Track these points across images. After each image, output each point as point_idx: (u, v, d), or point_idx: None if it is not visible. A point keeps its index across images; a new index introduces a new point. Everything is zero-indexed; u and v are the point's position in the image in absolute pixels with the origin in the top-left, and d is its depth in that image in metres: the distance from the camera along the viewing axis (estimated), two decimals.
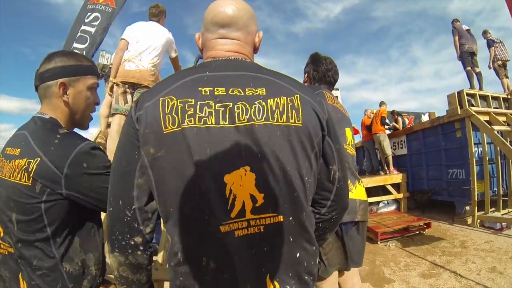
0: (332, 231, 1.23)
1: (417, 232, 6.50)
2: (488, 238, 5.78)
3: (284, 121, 0.90)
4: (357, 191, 1.99)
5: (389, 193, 8.57)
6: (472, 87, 8.27)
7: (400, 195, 8.56)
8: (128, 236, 0.91)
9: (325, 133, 1.00)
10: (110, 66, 4.88)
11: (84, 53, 4.87)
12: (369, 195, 8.06)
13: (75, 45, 5.07)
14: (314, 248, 0.99)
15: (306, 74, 2.34)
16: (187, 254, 0.87)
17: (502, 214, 6.80)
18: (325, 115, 1.01)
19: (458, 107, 7.29)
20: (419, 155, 9.04)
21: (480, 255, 5.00)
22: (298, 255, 0.93)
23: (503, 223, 6.26)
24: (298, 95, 0.95)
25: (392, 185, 8.66)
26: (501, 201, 7.12)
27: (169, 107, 0.86)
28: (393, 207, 8.49)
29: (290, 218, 0.90)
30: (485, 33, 8.84)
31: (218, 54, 1.04)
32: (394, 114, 10.91)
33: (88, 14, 5.19)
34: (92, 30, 5.17)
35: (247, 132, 0.86)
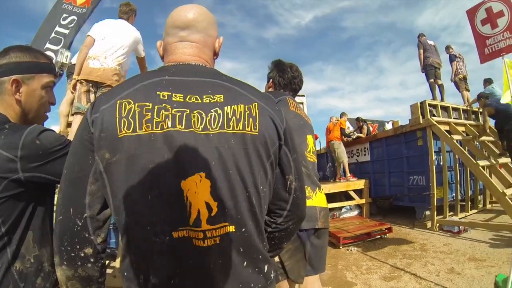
0: (289, 240, 1.21)
1: (379, 236, 6.57)
2: (446, 241, 5.95)
3: (240, 129, 0.89)
4: (317, 198, 1.97)
5: (351, 198, 8.68)
6: (434, 98, 8.59)
7: (363, 201, 8.69)
8: (78, 247, 0.87)
9: (282, 142, 0.99)
10: (69, 64, 4.80)
11: (61, 51, 4.76)
12: (332, 201, 8.25)
13: (48, 45, 4.86)
14: (266, 259, 0.96)
15: (271, 80, 2.30)
16: (134, 263, 0.85)
17: (459, 218, 7.14)
18: (283, 124, 1.00)
19: (420, 116, 7.53)
20: (381, 162, 9.26)
21: (439, 257, 5.12)
22: (250, 269, 0.91)
23: (460, 227, 6.50)
24: (256, 103, 0.94)
25: (354, 191, 8.79)
26: (459, 205, 7.48)
27: (126, 111, 0.83)
28: (355, 213, 8.59)
29: (243, 229, 0.89)
30: (447, 48, 9.23)
31: (179, 58, 1.03)
32: (358, 121, 11.13)
33: (65, 15, 4.98)
34: (67, 31, 4.98)
35: (202, 139, 0.85)
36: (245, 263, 0.90)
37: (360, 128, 10.89)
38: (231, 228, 0.86)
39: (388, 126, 12.60)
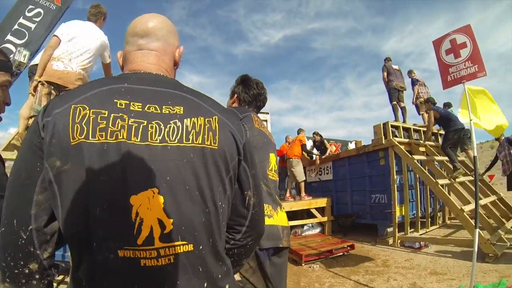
0: (248, 257, 1.17)
1: (341, 253, 6.51)
2: (408, 257, 6.01)
3: (200, 142, 0.87)
4: (279, 217, 1.93)
5: (313, 216, 8.65)
6: (396, 119, 8.89)
7: (325, 219, 8.67)
8: (22, 263, 0.80)
9: (241, 158, 0.98)
10: (30, 64, 4.60)
11: (20, 49, 4.61)
12: (294, 218, 8.13)
13: (9, 37, 4.65)
14: (222, 275, 0.92)
15: (236, 95, 2.26)
16: (81, 280, 0.79)
17: (420, 234, 7.28)
18: (243, 139, 0.99)
19: (383, 137, 7.70)
20: (344, 180, 9.36)
21: (401, 272, 5.13)
22: (205, 284, 0.86)
23: (421, 242, 6.62)
24: (216, 117, 0.93)
25: (316, 209, 8.77)
26: (419, 222, 7.66)
27: (81, 117, 0.79)
28: (317, 230, 8.54)
29: (201, 247, 0.85)
30: (410, 72, 9.66)
31: (138, 66, 1.01)
32: (314, 134, 11.27)
33: (30, 7, 4.78)
34: (33, 26, 4.78)
35: (158, 152, 0.81)
36: (205, 284, 0.86)
37: (320, 143, 10.95)
38: (188, 247, 0.83)
39: (351, 146, 12.83)
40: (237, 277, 1.66)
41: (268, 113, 10.54)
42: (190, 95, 0.95)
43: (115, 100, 0.83)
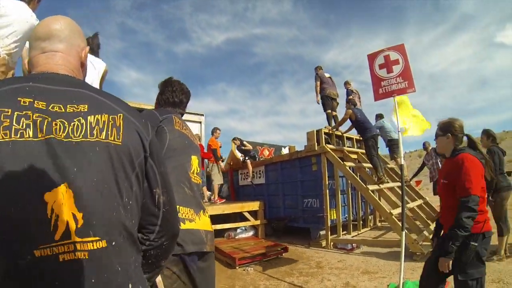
0: (166, 258, 1.18)
1: (275, 256, 6.52)
2: (341, 258, 6.19)
3: (103, 138, 0.88)
4: (201, 222, 1.92)
5: (246, 219, 8.61)
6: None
7: (258, 222, 8.68)
8: None
9: (148, 155, 1.00)
10: None
11: None
12: (226, 221, 7.96)
13: None
14: (135, 277, 0.93)
15: (156, 99, 2.31)
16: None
17: (352, 236, 7.61)
18: (149, 136, 1.02)
19: (316, 143, 7.90)
20: (276, 184, 9.47)
21: (334, 273, 5.25)
22: (130, 285, 0.88)
23: (353, 244, 6.91)
24: (121, 115, 0.95)
25: (249, 212, 8.74)
26: (351, 225, 8.00)
27: None
28: (250, 233, 8.52)
29: (113, 244, 0.86)
30: (346, 83, 10.01)
31: (45, 68, 1.00)
32: (233, 140, 11.00)
33: None
34: None
35: (64, 148, 0.82)
36: (122, 281, 0.87)
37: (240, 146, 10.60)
38: (102, 243, 0.83)
39: (285, 151, 13.00)
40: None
41: (203, 115, 10.36)
42: (95, 94, 0.96)
43: (19, 98, 0.82)
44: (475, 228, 2.33)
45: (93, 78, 3.41)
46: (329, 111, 9.06)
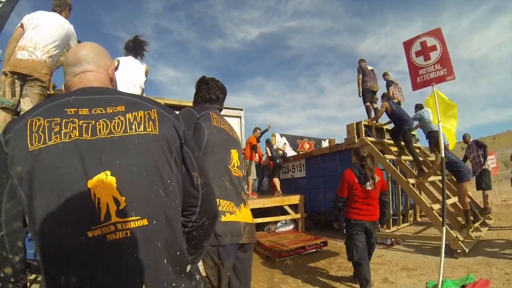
0: (208, 238, 1.26)
1: (315, 250, 6.54)
2: (380, 253, 6.09)
3: (142, 130, 1.00)
4: (241, 214, 1.99)
5: (287, 213, 8.67)
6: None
7: (298, 215, 8.71)
8: None
9: (183, 141, 1.10)
10: None
11: None
12: (267, 215, 8.08)
13: None
14: (186, 259, 1.04)
15: (193, 99, 2.39)
16: (54, 269, 0.87)
17: (392, 231, 7.47)
18: (181, 126, 1.13)
19: (356, 136, 7.81)
20: (317, 178, 9.42)
21: (373, 268, 5.15)
22: (165, 261, 0.95)
23: (393, 239, 6.79)
24: (155, 109, 1.08)
25: (290, 206, 8.78)
26: (391, 220, 7.83)
27: (36, 127, 0.91)
28: (291, 227, 8.57)
29: (154, 222, 0.94)
30: (385, 74, 9.79)
31: (80, 86, 1.13)
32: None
33: None
34: None
35: (108, 142, 0.94)
36: (165, 261, 0.94)
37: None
38: (143, 222, 0.92)
39: (325, 144, 12.93)
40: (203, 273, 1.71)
41: (242, 110, 10.50)
42: (129, 97, 1.11)
43: (65, 109, 0.96)
44: None
45: (134, 79, 3.74)
46: (368, 103, 8.93)
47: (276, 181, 9.88)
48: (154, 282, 0.90)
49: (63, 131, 0.91)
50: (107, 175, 0.90)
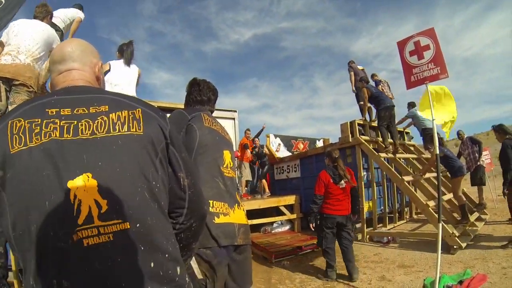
0: (196, 240, 1.25)
1: (311, 250, 6.53)
2: (376, 251, 6.15)
3: (125, 131, 0.97)
4: (235, 215, 1.96)
5: (282, 213, 8.65)
6: (363, 118, 9.01)
7: (294, 216, 8.67)
8: None
9: (168, 141, 1.07)
10: None
11: None
12: (263, 216, 8.04)
13: None
14: (176, 260, 1.01)
15: (185, 101, 2.39)
16: (39, 280, 0.84)
17: (388, 229, 7.48)
18: (168, 125, 1.10)
19: (350, 135, 7.82)
20: (312, 178, 9.27)
21: (370, 266, 5.25)
22: (152, 264, 0.92)
23: (389, 237, 6.81)
24: (140, 109, 1.05)
25: (285, 206, 8.76)
26: (387, 218, 7.88)
27: (17, 128, 0.89)
28: (287, 227, 8.56)
29: (138, 225, 0.91)
30: (373, 76, 9.91)
31: (63, 85, 1.12)
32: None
33: None
34: None
35: (90, 143, 0.92)
36: (151, 264, 0.91)
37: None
38: (125, 225, 0.89)
39: (319, 144, 12.93)
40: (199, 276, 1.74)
41: (235, 111, 10.48)
42: (113, 96, 1.08)
43: (46, 110, 0.94)
44: None
45: (130, 79, 3.83)
46: (362, 102, 8.89)
47: (264, 182, 9.94)
48: (137, 287, 0.88)
49: (43, 131, 0.89)
50: (88, 177, 0.88)
